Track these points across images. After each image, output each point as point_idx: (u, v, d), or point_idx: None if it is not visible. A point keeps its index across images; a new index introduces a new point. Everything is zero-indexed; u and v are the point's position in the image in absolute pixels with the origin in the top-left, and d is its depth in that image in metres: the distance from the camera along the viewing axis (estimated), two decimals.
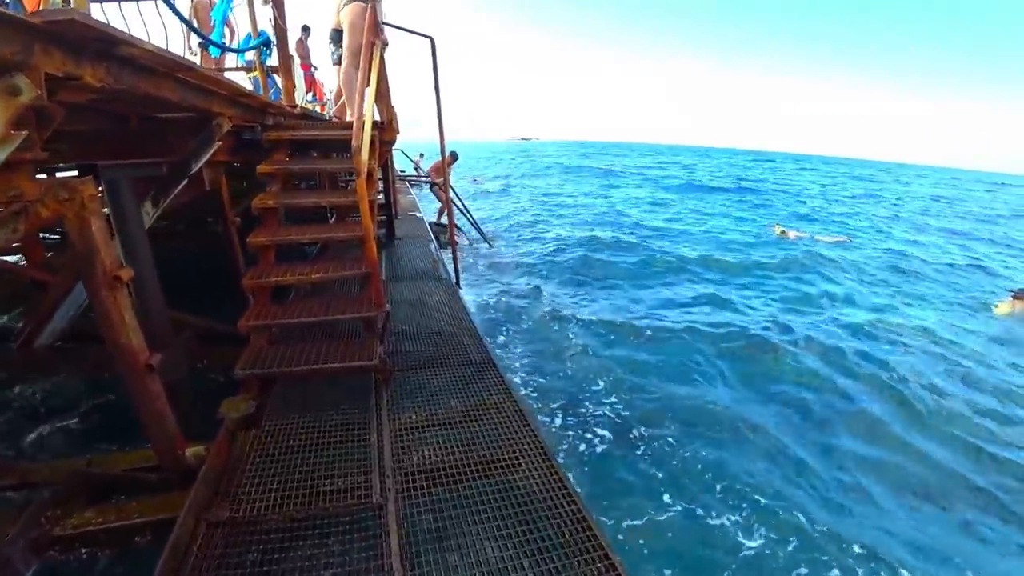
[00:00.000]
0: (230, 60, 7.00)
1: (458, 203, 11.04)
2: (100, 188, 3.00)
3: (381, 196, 6.93)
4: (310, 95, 9.21)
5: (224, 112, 3.30)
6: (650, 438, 4.89)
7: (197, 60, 6.48)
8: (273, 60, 5.74)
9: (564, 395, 5.52)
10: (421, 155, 11.97)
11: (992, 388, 6.69)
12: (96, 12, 3.01)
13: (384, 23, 5.15)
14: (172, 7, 2.98)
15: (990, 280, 12.68)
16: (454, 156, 10.24)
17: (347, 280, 3.70)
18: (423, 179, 10.51)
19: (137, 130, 3.47)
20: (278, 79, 5.66)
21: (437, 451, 2.69)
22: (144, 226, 3.40)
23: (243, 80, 7.81)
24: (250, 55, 6.17)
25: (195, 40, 6.39)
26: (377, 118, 4.37)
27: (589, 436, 4.86)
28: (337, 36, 5.35)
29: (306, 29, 9.33)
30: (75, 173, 4.24)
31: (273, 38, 5.52)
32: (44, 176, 4.51)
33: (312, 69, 9.46)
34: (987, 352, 7.83)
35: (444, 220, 10.09)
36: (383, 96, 4.87)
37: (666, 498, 4.16)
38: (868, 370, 6.70)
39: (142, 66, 2.18)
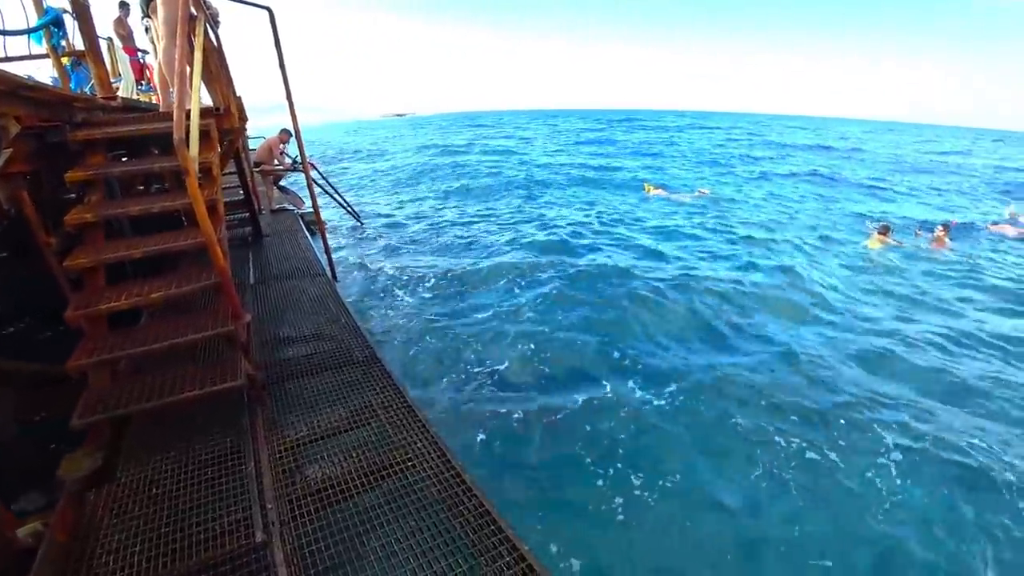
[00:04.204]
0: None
1: (325, 185, 10.23)
2: None
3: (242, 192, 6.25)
4: (143, 84, 7.98)
5: (7, 111, 2.72)
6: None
7: None
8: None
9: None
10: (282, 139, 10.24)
11: None
12: None
13: None
14: None
15: None
16: (287, 134, 9.01)
17: (209, 291, 3.28)
18: (288, 168, 9.21)
19: None
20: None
21: (325, 467, 2.47)
22: None
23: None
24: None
25: None
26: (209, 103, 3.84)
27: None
28: (147, 1, 4.56)
29: (124, 5, 7.97)
30: None
31: (71, 16, 4.67)
32: None
33: (140, 53, 8.19)
34: None
35: (282, 205, 9.08)
36: (216, 78, 4.30)
37: None
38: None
39: None
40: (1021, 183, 21.36)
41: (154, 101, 6.90)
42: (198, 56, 3.43)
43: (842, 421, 4.58)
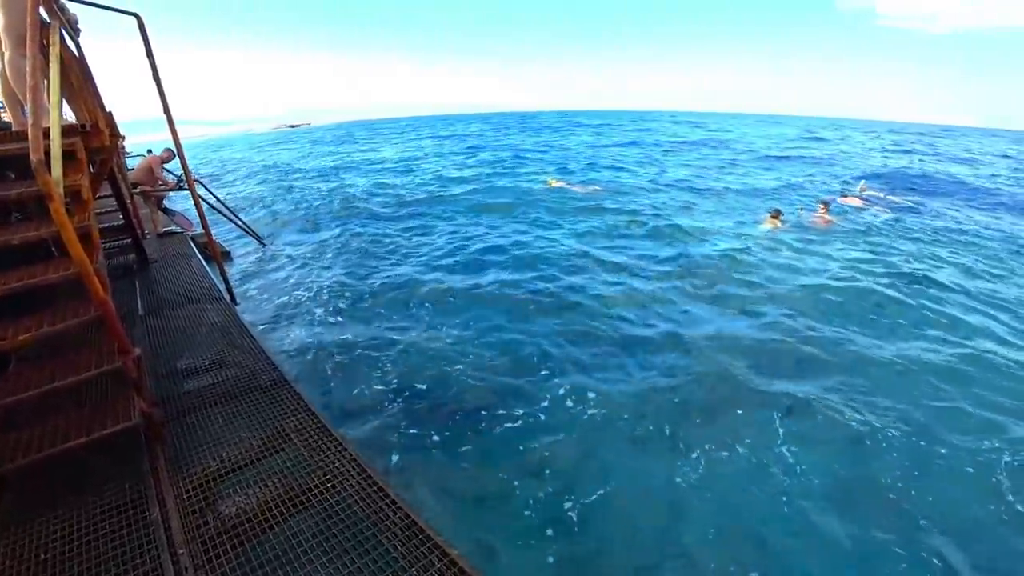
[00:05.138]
0: None
1: (217, 204, 9.50)
2: None
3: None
4: None
5: None
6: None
7: None
8: None
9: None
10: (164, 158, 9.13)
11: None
12: None
13: None
14: None
15: None
16: (170, 152, 8.14)
17: (91, 327, 2.98)
18: (171, 188, 8.38)
19: None
20: None
21: (239, 500, 2.34)
22: None
23: None
24: None
25: None
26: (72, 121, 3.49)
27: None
28: None
29: None
30: None
31: None
32: None
33: None
34: None
35: (169, 228, 8.29)
36: (78, 92, 3.94)
37: None
38: None
39: None
40: (878, 165, 24.43)
41: (4, 119, 6.18)
42: (55, 68, 3.10)
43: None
